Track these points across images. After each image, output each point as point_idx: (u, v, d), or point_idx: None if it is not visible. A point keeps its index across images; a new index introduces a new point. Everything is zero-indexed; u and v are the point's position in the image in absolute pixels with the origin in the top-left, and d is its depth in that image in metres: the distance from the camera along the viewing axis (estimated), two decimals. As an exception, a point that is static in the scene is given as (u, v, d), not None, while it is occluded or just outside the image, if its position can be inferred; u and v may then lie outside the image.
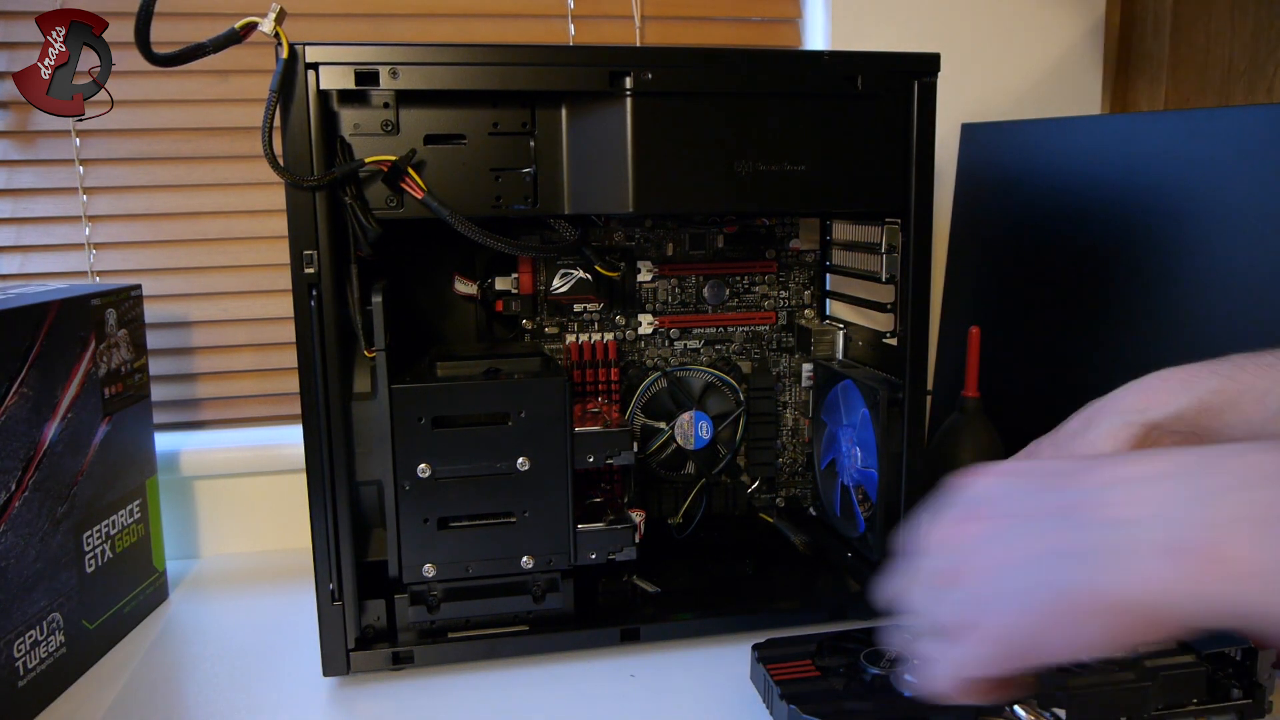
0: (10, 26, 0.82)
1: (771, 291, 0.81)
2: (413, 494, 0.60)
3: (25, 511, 0.59)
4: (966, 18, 0.96)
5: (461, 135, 0.60)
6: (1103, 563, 0.32)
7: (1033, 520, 0.35)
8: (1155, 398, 0.48)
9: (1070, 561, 0.33)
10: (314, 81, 0.55)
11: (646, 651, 0.65)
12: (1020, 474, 0.38)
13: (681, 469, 0.80)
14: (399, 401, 0.59)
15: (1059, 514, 0.34)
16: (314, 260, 0.57)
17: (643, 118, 0.58)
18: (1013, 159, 0.88)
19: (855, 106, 0.61)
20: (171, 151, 0.86)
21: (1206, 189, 0.73)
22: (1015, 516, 0.36)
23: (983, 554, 0.36)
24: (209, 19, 0.84)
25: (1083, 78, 0.99)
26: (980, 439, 0.74)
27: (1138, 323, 0.77)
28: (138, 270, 0.87)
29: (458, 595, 0.63)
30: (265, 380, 0.91)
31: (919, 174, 0.63)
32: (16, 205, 0.85)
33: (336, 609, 0.60)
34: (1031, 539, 0.35)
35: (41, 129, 0.84)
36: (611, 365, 0.76)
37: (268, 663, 0.66)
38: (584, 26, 0.92)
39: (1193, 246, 0.74)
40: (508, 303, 0.74)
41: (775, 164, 0.60)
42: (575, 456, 0.62)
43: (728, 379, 0.79)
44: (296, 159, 0.56)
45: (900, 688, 0.52)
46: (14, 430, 0.58)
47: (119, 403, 0.70)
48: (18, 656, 0.58)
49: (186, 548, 0.87)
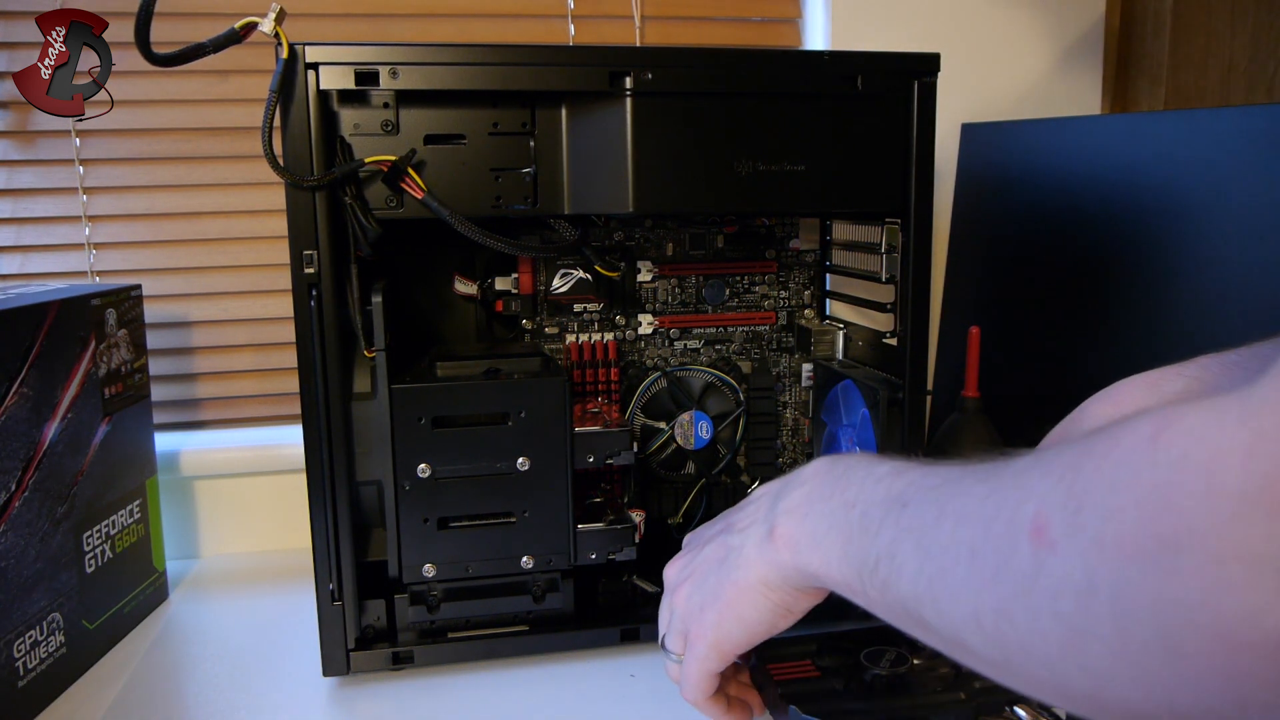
0: (10, 26, 0.82)
1: (771, 291, 0.81)
2: (413, 494, 0.60)
3: (25, 511, 0.59)
4: (966, 18, 0.96)
5: (461, 135, 0.60)
6: (734, 561, 0.44)
7: (705, 545, 0.48)
8: (1123, 405, 0.51)
9: (724, 567, 0.45)
10: (314, 81, 0.55)
11: (646, 651, 0.65)
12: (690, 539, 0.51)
13: (681, 469, 0.80)
14: (399, 401, 0.59)
15: (716, 536, 0.47)
16: (314, 260, 0.57)
17: (643, 118, 0.58)
18: (1013, 159, 0.88)
19: (855, 106, 0.61)
20: (171, 151, 0.86)
21: (1206, 189, 0.73)
22: (696, 558, 0.48)
23: (686, 591, 0.48)
24: (209, 19, 0.84)
25: (1082, 78, 0.99)
26: (980, 439, 0.74)
27: (1138, 322, 0.77)
28: (138, 270, 0.87)
29: (458, 595, 0.63)
30: (265, 380, 0.91)
31: (919, 174, 0.63)
32: (16, 205, 0.85)
33: (336, 609, 0.60)
34: (703, 565, 0.47)
35: (41, 129, 0.84)
36: (611, 365, 0.76)
37: (268, 663, 0.66)
38: (584, 26, 0.92)
39: (1193, 246, 0.74)
40: (508, 303, 0.74)
41: (775, 164, 0.60)
42: (575, 456, 0.62)
43: (728, 379, 0.79)
44: (296, 159, 0.56)
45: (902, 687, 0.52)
46: (14, 430, 0.58)
47: (119, 403, 0.70)
48: (18, 656, 0.58)
49: (186, 548, 0.87)
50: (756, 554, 0.43)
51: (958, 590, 0.31)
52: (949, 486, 0.34)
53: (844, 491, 0.40)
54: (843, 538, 0.38)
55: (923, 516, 0.34)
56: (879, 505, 0.37)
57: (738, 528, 0.46)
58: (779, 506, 0.43)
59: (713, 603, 0.45)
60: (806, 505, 0.41)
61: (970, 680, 0.52)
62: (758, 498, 0.47)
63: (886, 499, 0.36)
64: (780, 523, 0.42)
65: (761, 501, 0.46)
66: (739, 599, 0.44)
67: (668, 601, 0.50)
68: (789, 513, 0.42)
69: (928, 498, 0.34)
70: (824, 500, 0.41)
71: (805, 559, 0.41)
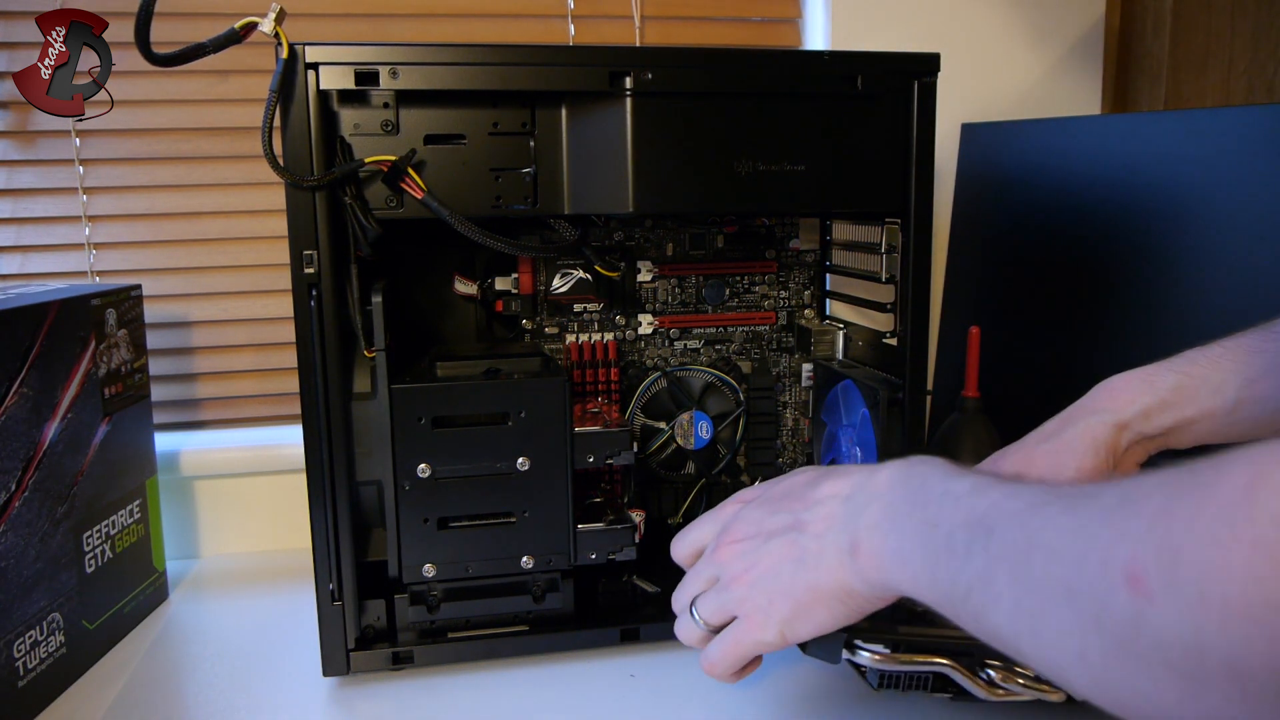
0: (10, 26, 0.82)
1: (771, 291, 0.81)
2: (413, 494, 0.60)
3: (25, 511, 0.59)
4: (966, 18, 0.96)
5: (461, 135, 0.60)
6: (813, 564, 0.44)
7: (772, 538, 0.47)
8: (1121, 398, 0.54)
9: (797, 566, 0.45)
10: (314, 81, 0.55)
11: (646, 651, 0.65)
12: (757, 503, 0.50)
13: (681, 469, 0.80)
14: (399, 401, 0.59)
15: (785, 531, 0.47)
16: (314, 260, 0.57)
17: (643, 118, 0.58)
18: (1013, 159, 0.88)
19: (855, 106, 0.61)
20: (171, 151, 0.86)
21: (1206, 189, 0.73)
22: (760, 535, 0.48)
23: (742, 566, 0.48)
24: (209, 19, 0.84)
25: (1082, 78, 0.99)
26: (980, 439, 0.74)
27: (1138, 322, 0.77)
28: (138, 270, 0.87)
29: (458, 595, 0.63)
30: (265, 380, 0.91)
31: (919, 174, 0.63)
32: (16, 205, 0.85)
33: (336, 609, 0.60)
34: (773, 553, 0.46)
35: (41, 129, 0.84)
36: (611, 365, 0.76)
37: (268, 663, 0.66)
38: (584, 26, 0.92)
39: (1193, 246, 0.74)
40: (508, 303, 0.74)
41: (775, 164, 0.60)
42: (575, 456, 0.62)
43: (728, 379, 0.79)
44: (296, 159, 0.56)
45: None
46: (14, 430, 0.58)
47: (119, 403, 0.70)
48: (18, 656, 0.58)
49: (186, 548, 0.87)
50: (838, 565, 0.43)
51: (1060, 631, 0.30)
52: (1033, 514, 0.33)
53: (924, 508, 0.39)
54: (929, 559, 0.38)
55: (1012, 545, 0.33)
56: (963, 528, 0.36)
57: (811, 530, 0.45)
58: (860, 521, 0.43)
59: (784, 599, 0.45)
60: (888, 522, 0.41)
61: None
62: (827, 498, 0.46)
63: (970, 521, 0.36)
64: (863, 538, 0.42)
65: (833, 506, 0.45)
66: (815, 602, 0.45)
67: (710, 572, 0.49)
68: (871, 529, 0.42)
69: (1013, 524, 0.34)
70: (905, 517, 0.40)
71: (892, 577, 0.41)
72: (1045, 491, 0.34)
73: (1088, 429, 0.53)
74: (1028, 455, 0.55)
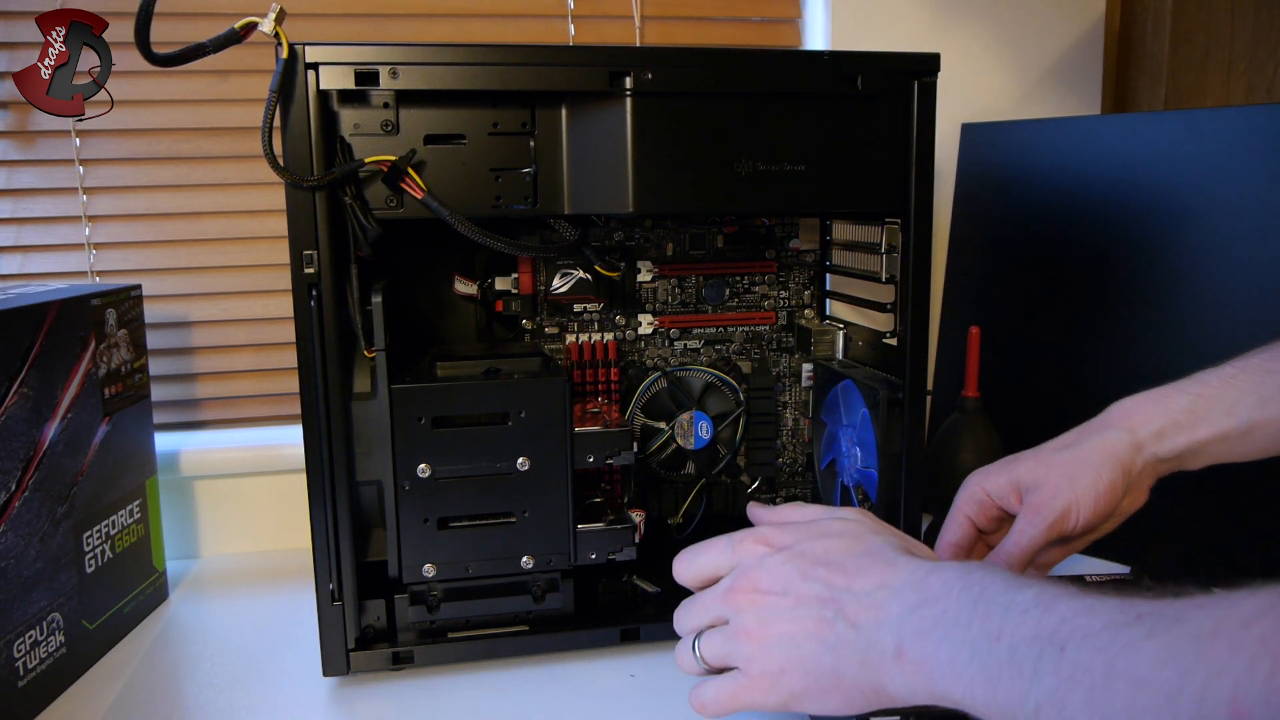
0: (10, 26, 0.82)
1: (771, 291, 0.81)
2: (413, 494, 0.60)
3: (25, 511, 0.59)
4: (966, 18, 0.96)
5: (461, 135, 0.60)
6: (845, 654, 0.41)
7: (800, 606, 0.44)
8: (1138, 418, 0.54)
9: (823, 648, 0.42)
10: (314, 81, 0.55)
11: (646, 651, 0.65)
12: (787, 556, 0.46)
13: (681, 469, 0.80)
14: (399, 401, 0.59)
15: (819, 604, 0.43)
16: (314, 260, 0.57)
17: (643, 118, 0.58)
18: (1013, 159, 0.88)
19: (855, 106, 0.61)
20: (171, 151, 0.86)
21: (1206, 189, 0.73)
22: (786, 596, 0.45)
23: (758, 621, 0.45)
24: (209, 19, 0.84)
25: (1082, 78, 0.99)
26: (980, 439, 0.74)
27: (1138, 322, 0.77)
28: (138, 270, 0.87)
29: (458, 595, 0.63)
30: (265, 380, 0.91)
31: (919, 174, 0.63)
32: (16, 205, 0.85)
33: (336, 609, 0.60)
34: (798, 622, 0.44)
35: (41, 129, 0.84)
36: (611, 365, 0.76)
37: (268, 663, 0.66)
38: (584, 26, 0.92)
39: (1193, 246, 0.74)
40: (508, 303, 0.74)
41: (775, 164, 0.60)
42: (575, 456, 0.62)
43: (728, 379, 0.79)
44: (296, 159, 0.56)
45: None
46: (14, 430, 0.58)
47: (119, 403, 0.70)
48: (18, 656, 0.58)
49: (186, 548, 0.87)
50: (876, 663, 0.41)
51: None
52: (1111, 635, 0.32)
53: (984, 620, 0.37)
54: (989, 673, 0.36)
55: (1087, 668, 0.32)
56: (1030, 643, 0.34)
57: (849, 617, 0.42)
58: (908, 625, 0.40)
59: (798, 674, 0.43)
60: (940, 631, 0.39)
61: None
62: (874, 589, 0.42)
63: (1038, 637, 0.34)
64: (910, 645, 0.39)
65: (880, 598, 0.42)
66: (835, 688, 0.42)
67: (719, 612, 0.47)
68: (921, 636, 0.39)
69: (1088, 645, 0.32)
70: (961, 627, 0.38)
71: (943, 687, 0.38)
72: (1119, 609, 0.32)
73: (1105, 443, 0.53)
74: (1044, 462, 0.55)
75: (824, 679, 0.42)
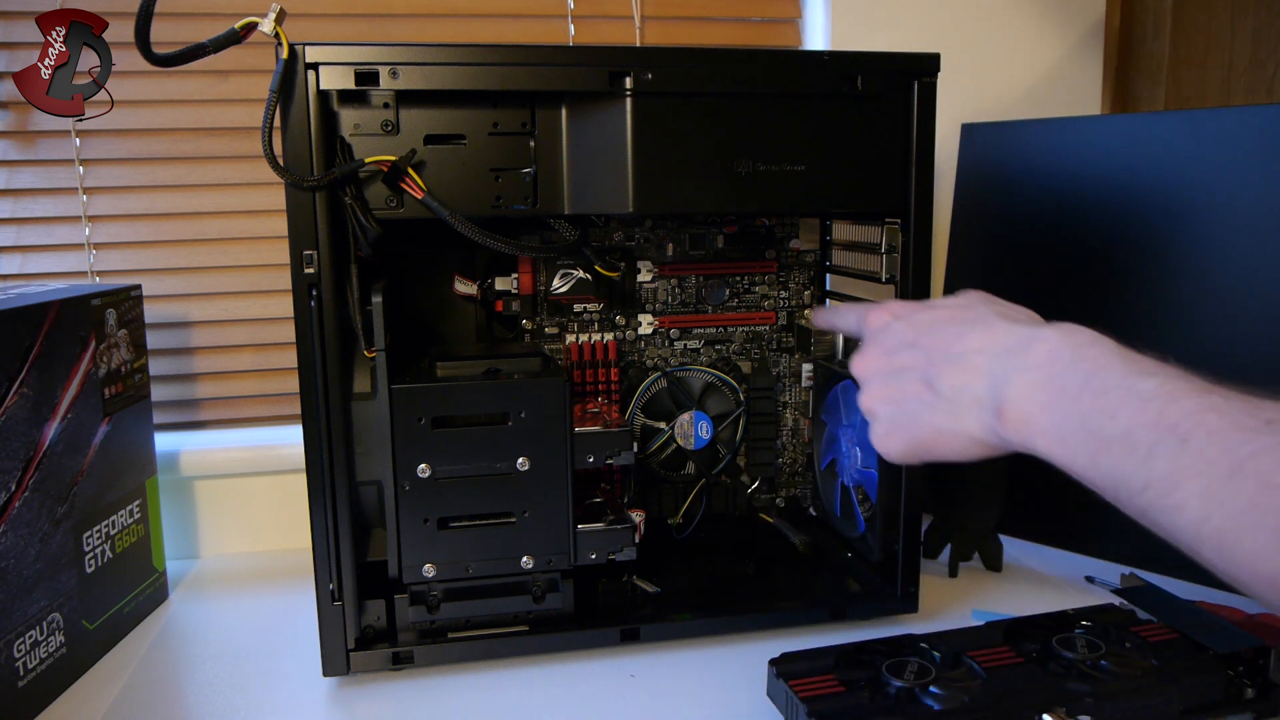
0: (10, 26, 0.82)
1: (771, 291, 0.81)
2: (413, 494, 0.60)
3: (25, 511, 0.59)
4: (966, 18, 0.96)
5: (461, 135, 0.60)
6: (945, 412, 0.46)
7: (906, 371, 0.49)
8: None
9: (929, 410, 0.47)
10: (314, 81, 0.55)
11: (646, 651, 0.65)
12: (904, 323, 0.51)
13: (681, 469, 0.80)
14: (399, 401, 0.59)
15: (921, 367, 0.48)
16: (314, 260, 0.57)
17: (643, 118, 0.58)
18: (1013, 159, 0.88)
19: (855, 106, 0.61)
20: (171, 151, 0.86)
21: (1206, 189, 0.73)
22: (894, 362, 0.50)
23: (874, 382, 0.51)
24: (209, 19, 0.84)
25: (1082, 78, 0.99)
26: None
27: (1138, 322, 0.77)
28: (138, 270, 0.87)
29: (458, 595, 0.63)
30: (265, 380, 0.91)
31: (919, 174, 0.63)
32: (16, 205, 0.85)
33: (336, 609, 0.60)
34: (902, 385, 0.49)
35: (41, 129, 0.84)
36: (611, 365, 0.76)
37: (268, 663, 0.66)
38: (584, 26, 0.92)
39: (1193, 246, 0.74)
40: (508, 303, 0.74)
41: (775, 164, 0.60)
42: (575, 456, 0.62)
43: (728, 379, 0.79)
44: (296, 159, 0.56)
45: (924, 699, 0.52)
46: (14, 430, 0.58)
47: (119, 403, 0.70)
48: (18, 656, 0.58)
49: (186, 548, 0.87)
50: (974, 419, 0.45)
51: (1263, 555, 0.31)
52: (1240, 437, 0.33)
53: (1098, 397, 0.39)
54: (1097, 445, 0.38)
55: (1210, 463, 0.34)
56: (1149, 429, 0.36)
57: (945, 382, 0.46)
58: (1010, 387, 0.43)
59: (903, 431, 0.49)
60: (1046, 395, 0.41)
61: (995, 690, 0.52)
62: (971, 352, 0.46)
63: (1159, 425, 0.36)
64: (1012, 405, 0.42)
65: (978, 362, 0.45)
66: (936, 440, 0.47)
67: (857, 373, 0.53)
68: (1024, 398, 0.42)
69: (1214, 442, 0.34)
70: (1070, 397, 0.40)
71: (1042, 445, 0.41)
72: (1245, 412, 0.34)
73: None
74: None
75: (924, 435, 0.47)
